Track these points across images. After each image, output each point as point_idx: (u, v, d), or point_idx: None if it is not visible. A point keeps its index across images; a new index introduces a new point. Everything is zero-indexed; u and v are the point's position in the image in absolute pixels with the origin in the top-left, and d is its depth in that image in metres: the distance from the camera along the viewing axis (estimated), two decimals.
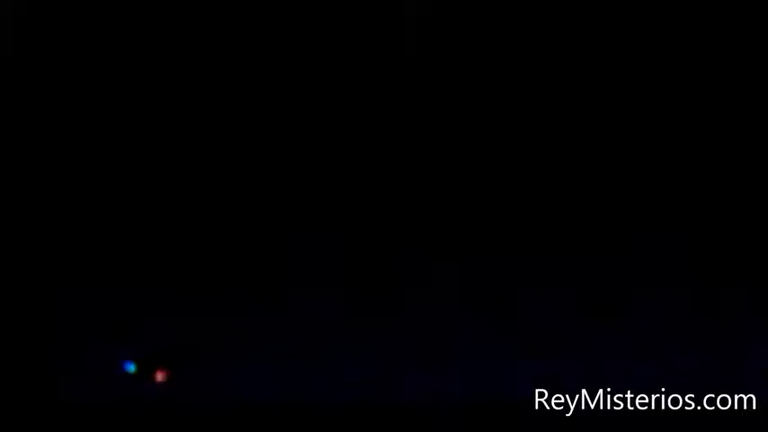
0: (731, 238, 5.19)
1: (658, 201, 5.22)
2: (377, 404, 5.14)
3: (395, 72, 5.28)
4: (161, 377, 4.94)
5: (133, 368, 5.13)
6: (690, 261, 5.19)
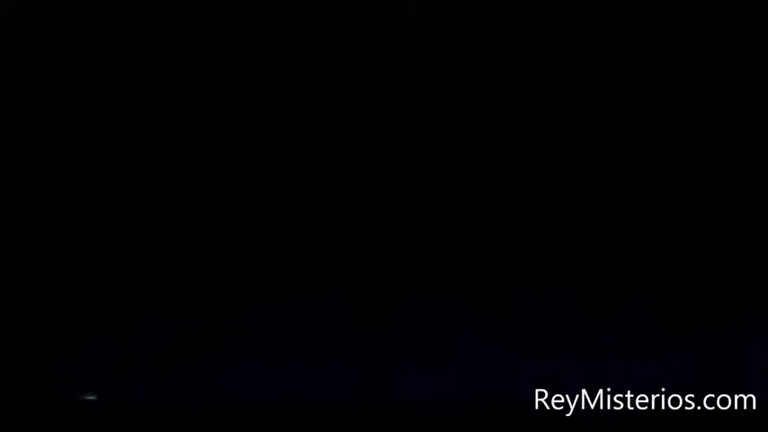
0: (731, 238, 5.19)
1: (658, 201, 5.22)
2: (377, 404, 5.14)
3: (395, 72, 5.28)
4: None
5: (94, 397, 5.14)
6: (690, 261, 5.19)
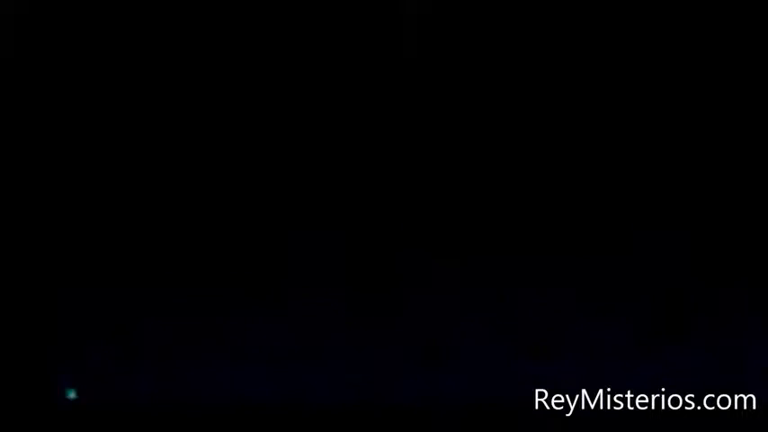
0: (731, 238, 5.19)
1: (658, 201, 5.22)
2: (377, 404, 5.14)
3: (395, 72, 5.28)
4: None
5: (73, 394, 5.14)
6: (690, 261, 5.19)
